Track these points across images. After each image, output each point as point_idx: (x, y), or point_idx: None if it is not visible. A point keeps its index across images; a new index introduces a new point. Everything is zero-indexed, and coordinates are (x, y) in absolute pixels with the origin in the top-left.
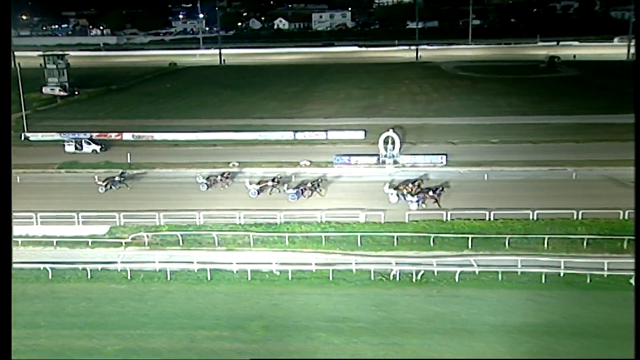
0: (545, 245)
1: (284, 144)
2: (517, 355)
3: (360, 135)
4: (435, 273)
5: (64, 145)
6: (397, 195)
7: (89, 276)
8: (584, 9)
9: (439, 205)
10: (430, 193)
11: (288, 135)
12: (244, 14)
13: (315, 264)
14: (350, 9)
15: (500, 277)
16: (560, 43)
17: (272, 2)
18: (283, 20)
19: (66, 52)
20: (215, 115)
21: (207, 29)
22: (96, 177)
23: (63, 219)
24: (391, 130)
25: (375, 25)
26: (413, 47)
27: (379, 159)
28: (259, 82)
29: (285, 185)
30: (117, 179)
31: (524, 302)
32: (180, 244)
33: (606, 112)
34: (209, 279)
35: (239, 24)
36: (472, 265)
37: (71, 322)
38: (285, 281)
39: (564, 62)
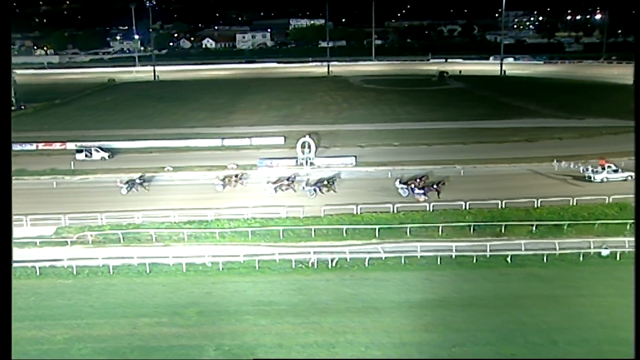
0: (440, 232)
1: (213, 150)
2: (417, 326)
3: (280, 140)
4: (348, 260)
5: (74, 153)
6: (407, 189)
7: (38, 273)
8: (466, 32)
9: (438, 195)
10: (434, 186)
11: (216, 142)
12: (175, 35)
13: (243, 255)
14: (269, 30)
15: (403, 261)
16: (448, 60)
17: (200, 25)
18: (210, 40)
19: (12, 70)
20: (150, 125)
21: (142, 48)
22: (118, 180)
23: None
24: (307, 136)
25: (292, 44)
26: (325, 63)
27: (297, 161)
28: (189, 95)
29: (304, 183)
30: (137, 181)
31: (423, 281)
32: (121, 241)
33: (486, 118)
34: (148, 272)
35: (171, 43)
36: (379, 252)
37: (22, 315)
38: (217, 272)
39: (452, 76)
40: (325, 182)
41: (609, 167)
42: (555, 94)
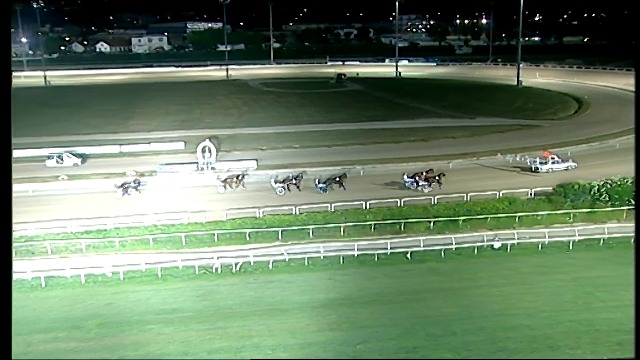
0: (342, 232)
1: (110, 157)
2: (322, 326)
3: (180, 145)
4: (252, 263)
5: (45, 159)
6: (413, 182)
7: None
8: (362, 35)
9: (440, 186)
10: (436, 177)
11: (114, 148)
12: (67, 38)
13: (145, 263)
14: (166, 33)
15: (306, 262)
16: (345, 63)
17: (93, 28)
18: (104, 44)
19: None
20: (42, 132)
21: (30, 52)
22: (113, 184)
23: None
24: (207, 140)
25: (189, 48)
26: (224, 67)
27: (198, 166)
28: (84, 101)
29: (316, 180)
30: (132, 185)
31: (326, 281)
32: (13, 255)
33: (383, 119)
34: (43, 285)
35: (62, 47)
36: (283, 254)
37: None
38: (118, 281)
39: (350, 79)
40: (337, 179)
41: (552, 158)
42: (447, 94)
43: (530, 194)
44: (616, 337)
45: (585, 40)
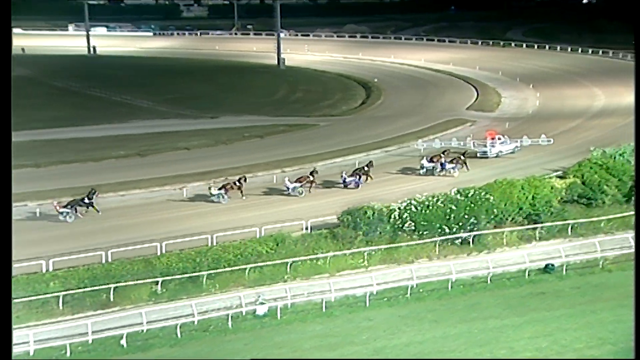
0: None
1: None
2: None
3: None
4: None
5: None
6: (437, 166)
7: None
8: None
9: (467, 168)
10: (462, 158)
11: None
12: None
13: None
14: None
15: None
16: None
17: None
18: None
19: None
20: None
21: None
22: (55, 202)
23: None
24: None
25: None
26: None
27: None
28: None
29: (344, 172)
30: (85, 200)
31: None
32: None
33: (69, 123)
34: None
35: None
36: None
37: None
38: None
39: None
40: (365, 168)
41: (499, 138)
42: (174, 82)
43: (306, 228)
44: None
45: None
